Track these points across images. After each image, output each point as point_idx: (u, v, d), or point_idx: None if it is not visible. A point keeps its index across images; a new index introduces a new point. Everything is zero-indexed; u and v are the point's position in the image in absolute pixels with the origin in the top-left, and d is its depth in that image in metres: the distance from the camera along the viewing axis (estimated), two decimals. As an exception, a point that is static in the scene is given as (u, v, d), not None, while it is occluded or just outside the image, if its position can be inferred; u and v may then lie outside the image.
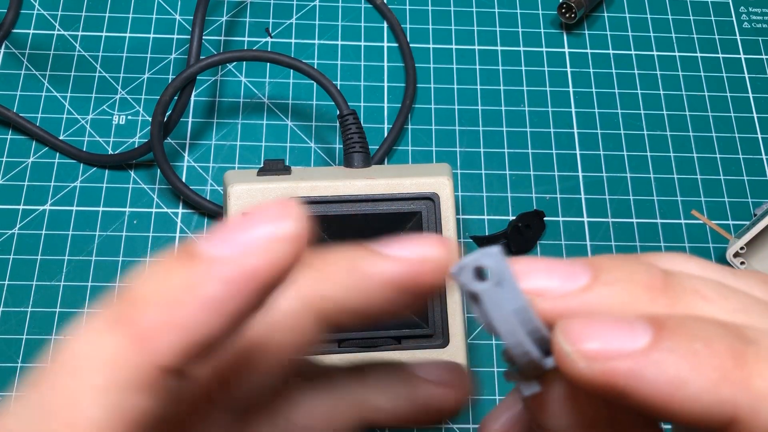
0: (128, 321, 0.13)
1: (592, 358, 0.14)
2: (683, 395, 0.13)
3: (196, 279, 0.13)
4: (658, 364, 0.14)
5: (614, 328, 0.14)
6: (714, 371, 0.13)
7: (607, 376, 0.14)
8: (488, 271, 0.15)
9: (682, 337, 0.14)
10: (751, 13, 0.53)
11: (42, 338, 0.41)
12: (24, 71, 0.48)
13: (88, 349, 0.13)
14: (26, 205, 0.44)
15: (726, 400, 0.13)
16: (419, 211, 0.37)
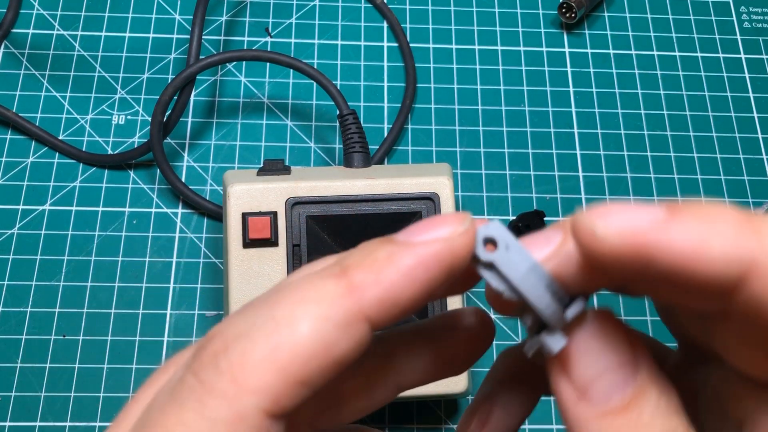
0: (344, 276, 0.17)
1: (619, 231, 0.15)
2: (706, 252, 0.15)
3: (396, 253, 0.17)
4: (680, 228, 0.15)
5: (635, 208, 0.15)
6: (729, 228, 0.15)
7: (635, 245, 0.15)
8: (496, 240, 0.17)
9: (696, 210, 0.15)
10: (752, 13, 0.53)
11: (41, 338, 0.41)
12: (23, 71, 0.48)
13: (313, 287, 0.17)
14: (26, 205, 0.44)
15: (744, 251, 0.15)
16: (419, 211, 0.37)
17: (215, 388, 0.16)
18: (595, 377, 0.17)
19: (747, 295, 0.15)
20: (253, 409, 0.16)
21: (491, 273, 0.17)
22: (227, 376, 0.16)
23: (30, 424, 0.39)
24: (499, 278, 0.17)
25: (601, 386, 0.17)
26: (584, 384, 0.17)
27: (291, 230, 0.36)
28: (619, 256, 0.15)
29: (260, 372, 0.16)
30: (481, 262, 0.17)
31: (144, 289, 0.42)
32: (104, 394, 0.40)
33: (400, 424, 0.40)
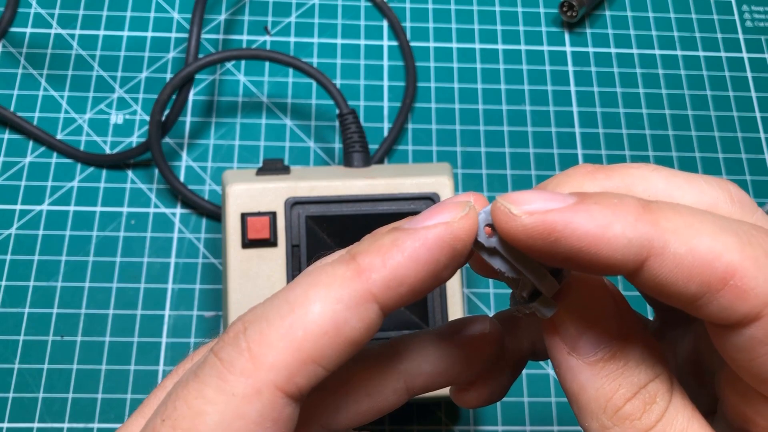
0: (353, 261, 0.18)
1: (533, 212, 0.17)
2: (608, 235, 0.17)
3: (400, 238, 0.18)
4: (585, 212, 0.17)
5: (548, 195, 0.18)
6: (629, 215, 0.17)
7: (545, 225, 0.17)
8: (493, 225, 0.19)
9: (602, 197, 0.17)
10: (754, 12, 0.53)
11: (39, 339, 0.40)
12: (21, 70, 0.47)
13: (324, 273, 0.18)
14: (23, 205, 0.43)
15: (642, 235, 0.17)
16: (419, 211, 0.37)
17: (234, 365, 0.17)
18: (582, 332, 0.19)
19: (646, 276, 0.17)
20: (269, 385, 0.17)
21: (494, 258, 0.19)
22: (246, 354, 0.17)
23: (28, 425, 0.39)
24: (502, 260, 0.19)
25: (589, 339, 0.19)
26: (573, 339, 0.19)
27: (290, 230, 0.36)
28: (530, 235, 0.17)
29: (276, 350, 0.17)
30: (484, 248, 0.19)
31: (142, 289, 0.42)
32: (102, 395, 0.40)
33: (400, 425, 0.40)
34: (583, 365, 0.19)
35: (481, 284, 0.43)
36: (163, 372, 0.40)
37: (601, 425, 0.19)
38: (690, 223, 0.17)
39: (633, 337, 0.19)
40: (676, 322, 0.23)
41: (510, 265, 0.19)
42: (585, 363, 0.19)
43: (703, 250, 0.17)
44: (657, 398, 0.19)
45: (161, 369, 0.40)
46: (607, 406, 0.19)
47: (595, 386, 0.19)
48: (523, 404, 0.41)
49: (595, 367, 0.19)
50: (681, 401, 0.19)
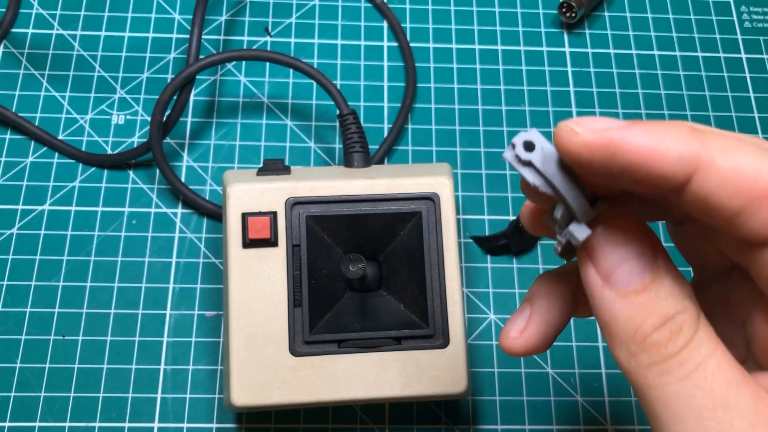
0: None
1: (594, 130, 0.19)
2: (660, 149, 0.18)
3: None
4: (640, 130, 0.19)
5: (605, 118, 0.20)
6: (680, 133, 0.19)
7: (604, 141, 0.19)
8: (534, 143, 0.20)
9: (653, 122, 0.19)
10: (752, 13, 0.53)
11: (41, 339, 0.41)
12: (23, 71, 0.47)
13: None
14: (25, 205, 0.44)
15: (691, 150, 0.18)
16: (419, 211, 0.37)
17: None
18: (617, 264, 0.20)
19: (693, 189, 0.19)
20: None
21: (529, 170, 0.21)
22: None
23: (29, 424, 0.39)
24: (536, 174, 0.21)
25: (623, 272, 0.20)
26: (608, 270, 0.21)
27: (291, 230, 0.36)
28: (590, 150, 0.19)
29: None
30: (521, 160, 0.21)
31: (143, 289, 0.42)
32: (104, 394, 0.40)
33: (400, 424, 0.40)
34: (615, 296, 0.20)
35: (480, 284, 0.44)
36: (164, 371, 0.40)
37: (630, 352, 0.20)
38: (735, 144, 0.19)
39: (664, 272, 0.20)
40: (712, 279, 0.24)
41: (546, 181, 0.20)
42: (618, 294, 0.20)
43: (746, 166, 0.18)
44: (683, 329, 0.20)
45: (162, 368, 0.41)
46: (635, 335, 0.20)
47: (626, 316, 0.20)
48: (522, 403, 0.41)
49: (627, 299, 0.20)
50: (707, 334, 0.20)
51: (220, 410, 0.40)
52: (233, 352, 0.35)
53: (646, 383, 0.20)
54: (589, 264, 0.21)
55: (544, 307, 0.25)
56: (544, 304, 0.25)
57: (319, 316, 0.36)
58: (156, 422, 0.39)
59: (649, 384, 0.20)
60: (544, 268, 0.44)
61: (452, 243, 0.37)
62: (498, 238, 0.44)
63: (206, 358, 0.41)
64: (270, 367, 0.35)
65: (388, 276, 0.37)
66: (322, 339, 0.36)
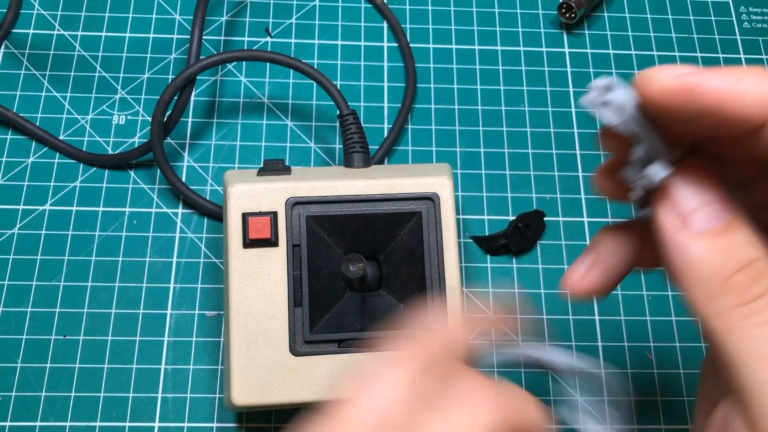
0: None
1: (674, 76, 0.20)
2: (741, 89, 0.19)
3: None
4: (719, 73, 0.19)
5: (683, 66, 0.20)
6: (759, 75, 0.19)
7: (684, 84, 0.19)
8: (609, 86, 0.21)
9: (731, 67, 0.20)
10: (751, 13, 0.53)
11: (42, 338, 0.41)
12: (24, 71, 0.48)
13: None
14: (26, 205, 0.44)
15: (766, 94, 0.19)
16: (419, 211, 0.37)
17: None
18: (695, 208, 0.21)
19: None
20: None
21: (609, 109, 0.21)
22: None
23: (30, 423, 0.39)
24: (615, 112, 0.21)
25: (701, 215, 0.21)
26: (686, 213, 0.21)
27: (291, 230, 0.36)
28: (672, 93, 0.19)
29: None
30: (600, 101, 0.21)
31: (144, 289, 0.42)
32: (104, 394, 0.40)
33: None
34: (695, 238, 0.20)
35: (480, 284, 0.44)
36: (164, 370, 0.40)
37: (710, 294, 0.20)
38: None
39: (740, 221, 0.21)
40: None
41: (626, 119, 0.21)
42: (697, 237, 0.20)
43: None
44: (762, 275, 0.20)
45: (163, 368, 0.41)
46: (716, 276, 0.20)
47: (706, 258, 0.20)
48: (522, 403, 0.41)
49: (706, 241, 0.20)
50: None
51: (220, 410, 0.40)
52: (234, 351, 0.35)
53: (726, 327, 0.20)
54: (667, 206, 0.21)
55: (607, 253, 0.25)
56: (607, 251, 0.25)
57: (319, 315, 0.36)
58: (156, 422, 0.39)
59: (728, 328, 0.20)
60: (544, 268, 0.44)
61: (452, 243, 0.37)
62: (498, 238, 0.44)
63: (207, 358, 0.41)
64: (270, 366, 0.35)
65: (388, 276, 0.37)
66: (322, 339, 0.36)
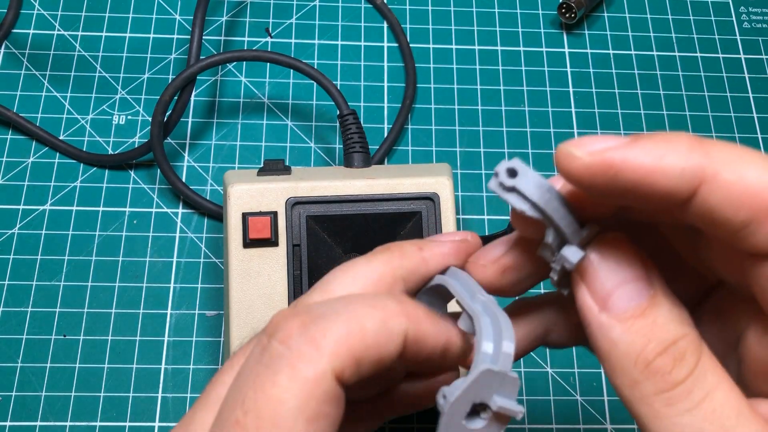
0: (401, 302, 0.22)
1: (592, 152, 0.18)
2: (662, 165, 0.18)
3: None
4: (641, 148, 0.18)
5: (604, 137, 0.19)
6: (682, 147, 0.18)
7: (605, 162, 0.18)
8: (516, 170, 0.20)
9: (655, 136, 0.18)
10: (751, 13, 0.53)
11: (42, 338, 0.41)
12: (24, 71, 0.48)
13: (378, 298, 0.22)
14: (26, 205, 0.44)
15: (694, 164, 0.18)
16: (419, 211, 0.37)
17: (303, 352, 0.20)
18: (614, 288, 0.20)
19: (699, 203, 0.18)
20: (330, 371, 0.20)
21: (514, 195, 0.20)
22: (313, 344, 0.20)
23: (31, 423, 0.39)
24: (522, 199, 0.20)
25: (620, 296, 0.20)
26: (605, 295, 0.20)
27: (291, 230, 0.36)
28: (592, 173, 0.18)
29: (338, 345, 0.20)
30: (505, 187, 0.20)
31: (144, 288, 0.42)
32: (105, 393, 0.40)
33: (400, 424, 0.40)
34: (614, 322, 0.20)
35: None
36: (164, 370, 0.40)
37: (632, 380, 0.19)
38: (740, 155, 0.18)
39: (662, 296, 0.20)
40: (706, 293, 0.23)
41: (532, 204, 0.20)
42: (616, 320, 0.20)
43: (752, 179, 0.18)
44: (686, 355, 0.19)
45: (163, 367, 0.41)
46: (637, 361, 0.19)
47: (626, 342, 0.19)
48: (522, 403, 0.41)
49: (625, 324, 0.19)
50: (711, 361, 0.19)
51: (220, 409, 0.40)
52: (234, 351, 0.35)
53: (651, 414, 0.19)
54: (584, 289, 0.20)
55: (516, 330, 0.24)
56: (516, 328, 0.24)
57: (319, 315, 0.36)
58: (157, 421, 0.39)
59: (654, 415, 0.19)
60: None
61: (452, 243, 0.37)
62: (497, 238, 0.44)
63: (207, 358, 0.41)
64: (270, 366, 0.35)
65: (388, 276, 0.37)
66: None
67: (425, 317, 0.22)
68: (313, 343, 0.20)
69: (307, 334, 0.20)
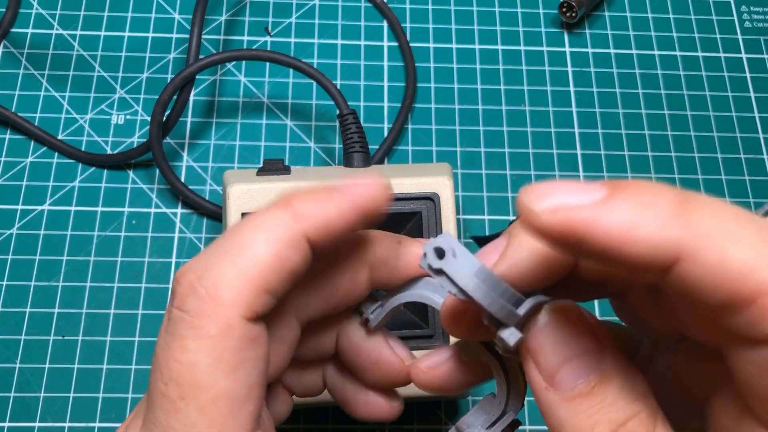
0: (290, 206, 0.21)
1: (555, 210, 0.16)
2: (635, 237, 0.15)
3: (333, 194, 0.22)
4: (613, 211, 0.16)
5: (573, 186, 0.16)
6: (661, 213, 0.16)
7: (568, 225, 0.16)
8: (444, 249, 0.19)
9: (634, 191, 0.16)
10: (753, 12, 0.53)
11: (40, 339, 0.41)
12: (22, 71, 0.47)
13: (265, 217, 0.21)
14: (25, 205, 0.44)
15: (672, 238, 0.15)
16: (419, 211, 0.37)
17: (201, 312, 0.20)
18: (559, 365, 0.19)
19: (674, 278, 0.16)
20: (237, 318, 0.20)
21: (442, 278, 0.19)
22: (208, 299, 0.20)
23: (29, 424, 0.39)
24: (450, 282, 0.19)
25: (566, 373, 0.18)
26: (550, 372, 0.19)
27: (291, 230, 0.36)
28: (553, 236, 0.16)
29: (233, 289, 0.20)
30: (432, 268, 0.19)
31: (143, 289, 0.42)
32: (103, 394, 0.40)
33: (400, 424, 0.40)
34: (560, 400, 0.18)
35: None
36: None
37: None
38: (727, 229, 0.16)
39: (613, 371, 0.18)
40: (667, 346, 0.22)
41: (459, 289, 0.19)
42: (562, 398, 0.18)
43: (736, 263, 0.15)
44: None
45: (162, 368, 0.40)
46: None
47: (572, 422, 0.18)
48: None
49: (572, 403, 0.18)
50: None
51: (219, 410, 0.40)
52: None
53: None
54: (531, 365, 0.19)
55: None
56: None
57: (319, 316, 0.36)
58: (156, 422, 0.39)
59: None
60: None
61: (452, 243, 0.37)
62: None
63: (206, 359, 0.41)
64: (270, 367, 0.35)
65: (388, 276, 0.37)
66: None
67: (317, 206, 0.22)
68: (209, 297, 0.20)
69: (200, 291, 0.20)
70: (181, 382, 0.19)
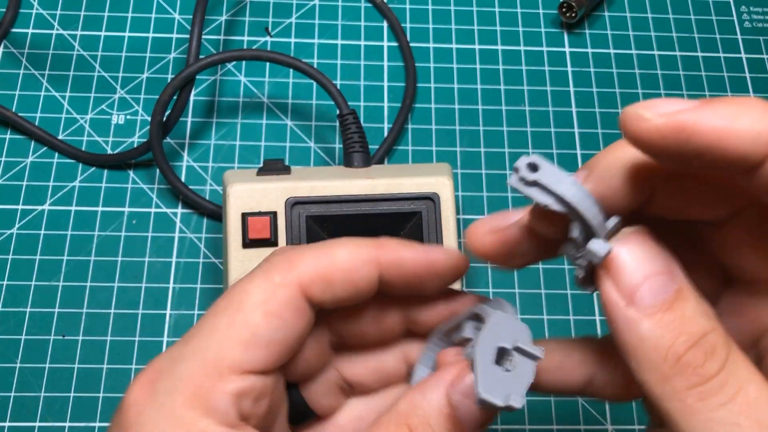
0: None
1: (665, 114, 0.18)
2: (737, 127, 0.17)
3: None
4: (714, 110, 0.18)
5: (672, 99, 0.18)
6: (756, 110, 0.18)
7: (676, 124, 0.18)
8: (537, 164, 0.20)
9: (728, 99, 0.18)
10: (752, 13, 0.53)
11: (41, 338, 0.41)
12: (23, 71, 0.47)
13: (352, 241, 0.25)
14: (25, 204, 0.44)
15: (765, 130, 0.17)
16: (419, 211, 0.37)
17: (278, 265, 0.24)
18: (640, 282, 0.19)
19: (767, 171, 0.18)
20: (296, 282, 0.23)
21: (536, 189, 0.20)
22: (287, 261, 0.24)
23: (29, 424, 0.39)
24: (545, 193, 0.20)
25: (646, 290, 0.19)
26: (631, 289, 0.19)
27: (291, 230, 0.36)
28: (662, 135, 0.18)
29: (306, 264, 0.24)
30: (526, 181, 0.20)
31: (143, 289, 0.42)
32: (104, 394, 0.40)
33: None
34: (641, 316, 0.19)
35: (481, 284, 0.44)
36: (164, 371, 0.40)
37: (662, 375, 0.19)
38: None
39: (688, 291, 0.20)
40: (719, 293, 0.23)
41: (556, 198, 0.20)
42: (643, 314, 0.19)
43: None
44: (717, 349, 0.19)
45: (162, 368, 0.40)
46: (667, 355, 0.19)
47: (655, 336, 0.19)
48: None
49: (653, 318, 0.19)
50: (740, 354, 0.19)
51: (220, 410, 0.40)
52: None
53: (682, 410, 0.18)
54: (609, 283, 0.20)
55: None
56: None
57: (319, 316, 0.36)
58: (156, 422, 0.39)
59: (687, 410, 0.18)
60: (544, 268, 0.44)
61: (452, 243, 0.37)
62: (498, 238, 0.44)
63: (206, 358, 0.41)
64: (270, 367, 0.35)
65: (388, 276, 0.37)
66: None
67: (398, 243, 0.24)
68: (289, 261, 0.24)
69: (286, 255, 0.24)
70: (231, 301, 0.23)
